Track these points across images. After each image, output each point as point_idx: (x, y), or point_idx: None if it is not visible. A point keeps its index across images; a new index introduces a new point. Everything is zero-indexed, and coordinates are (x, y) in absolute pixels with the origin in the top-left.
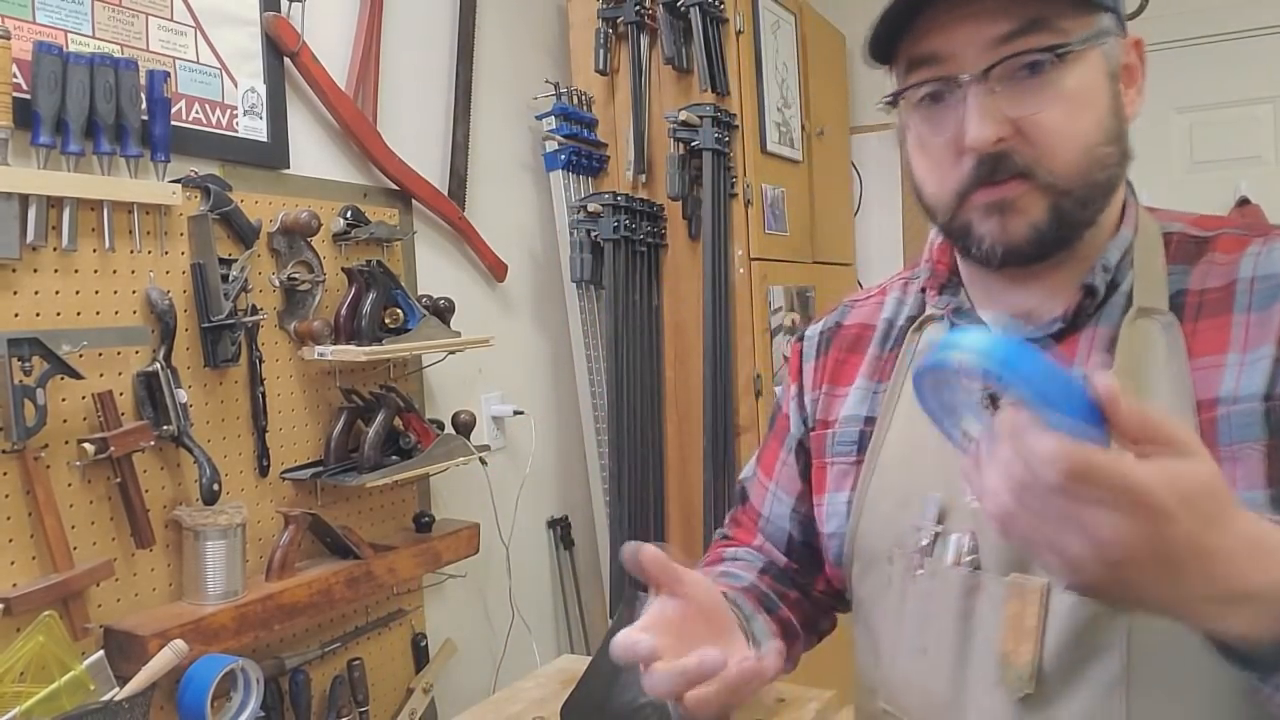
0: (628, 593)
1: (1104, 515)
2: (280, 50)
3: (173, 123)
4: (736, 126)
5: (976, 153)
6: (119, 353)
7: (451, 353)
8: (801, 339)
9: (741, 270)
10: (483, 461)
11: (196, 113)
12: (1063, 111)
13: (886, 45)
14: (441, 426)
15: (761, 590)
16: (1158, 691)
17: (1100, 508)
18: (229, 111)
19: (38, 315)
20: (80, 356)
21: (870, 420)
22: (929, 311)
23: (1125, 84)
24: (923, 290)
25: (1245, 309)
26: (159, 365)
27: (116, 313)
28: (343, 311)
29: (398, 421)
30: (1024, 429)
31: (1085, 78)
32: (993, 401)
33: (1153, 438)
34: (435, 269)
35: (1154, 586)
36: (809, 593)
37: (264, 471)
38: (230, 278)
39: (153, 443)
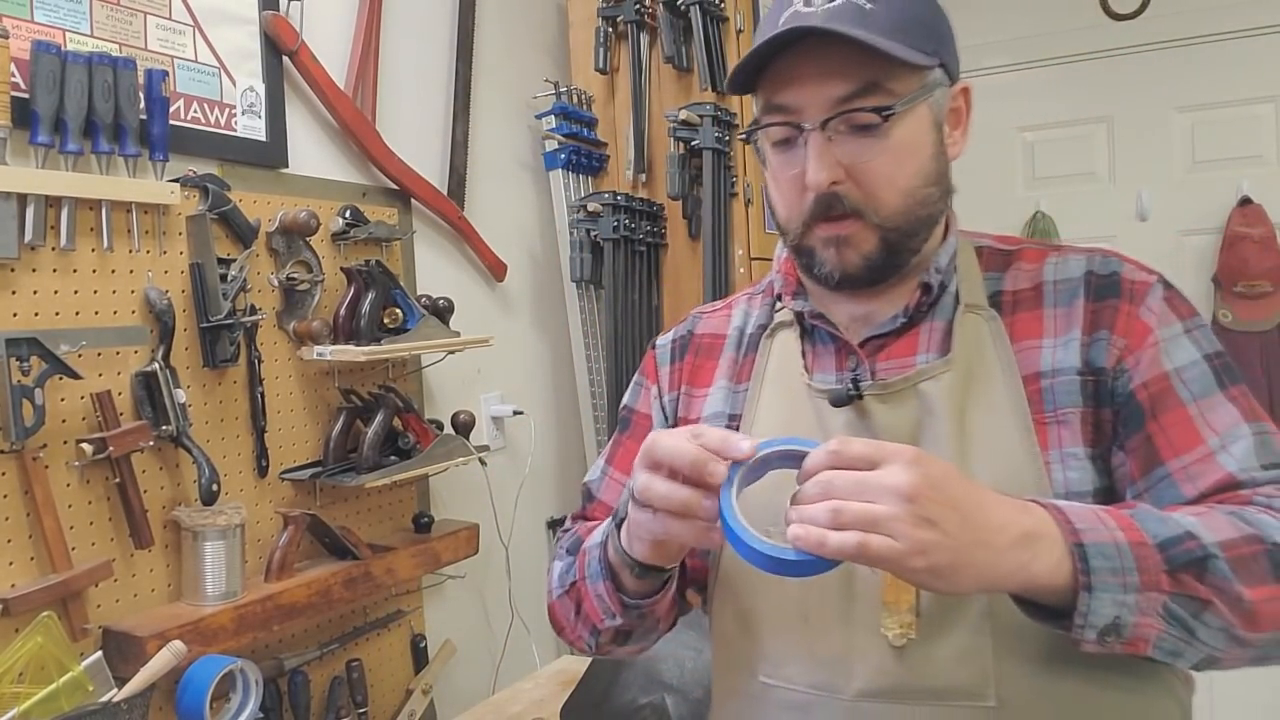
0: None
1: (883, 473)
2: (279, 49)
3: (171, 122)
4: (737, 125)
5: (814, 192)
6: (118, 353)
7: (451, 353)
8: (654, 346)
9: (742, 270)
10: (482, 462)
11: (195, 112)
12: (888, 161)
13: (745, 85)
14: (441, 427)
15: None
16: (1015, 622)
17: (876, 469)
18: (227, 111)
19: (36, 315)
20: (79, 356)
21: (734, 417)
22: (778, 319)
23: (952, 126)
24: (777, 298)
25: (1053, 304)
26: (158, 365)
27: (115, 312)
28: (342, 311)
29: (397, 422)
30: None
31: (910, 130)
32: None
33: (868, 451)
34: (434, 269)
35: (964, 540)
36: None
37: (263, 472)
38: (229, 277)
39: (151, 443)
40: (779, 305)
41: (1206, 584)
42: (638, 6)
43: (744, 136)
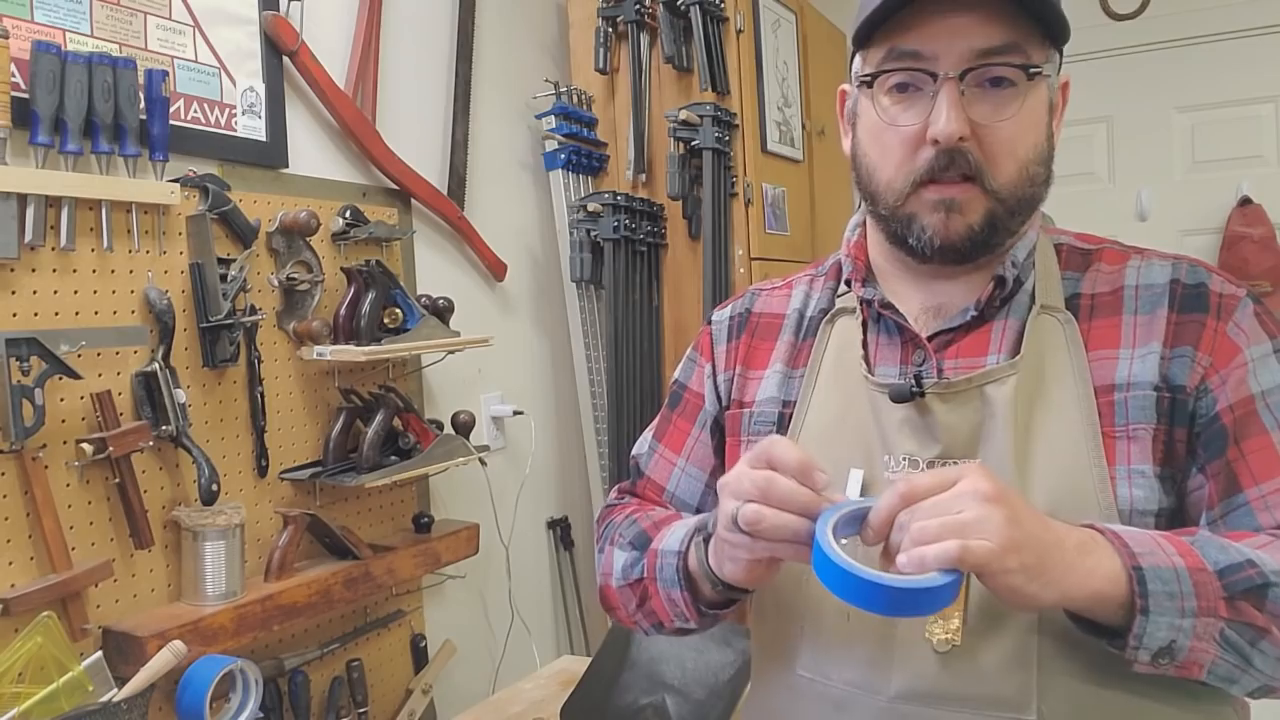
0: None
1: (959, 486)
2: (279, 49)
3: (171, 122)
4: (737, 126)
5: (940, 146)
6: (117, 353)
7: (451, 353)
8: (710, 321)
9: (742, 270)
10: (482, 462)
11: (195, 112)
12: (1015, 127)
13: (870, 31)
14: (441, 427)
15: None
16: (1062, 635)
17: (954, 501)
18: (227, 111)
19: (36, 315)
20: (79, 356)
21: (788, 403)
22: (840, 305)
23: (1055, 118)
24: (845, 283)
25: (1133, 311)
26: (157, 365)
27: (115, 313)
28: (342, 311)
29: (397, 422)
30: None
31: (1036, 103)
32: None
33: (935, 482)
34: (434, 269)
35: (1045, 540)
36: None
37: (263, 472)
38: (229, 277)
39: (151, 443)
40: (842, 290)
41: (1266, 611)
42: (638, 6)
43: (866, 79)
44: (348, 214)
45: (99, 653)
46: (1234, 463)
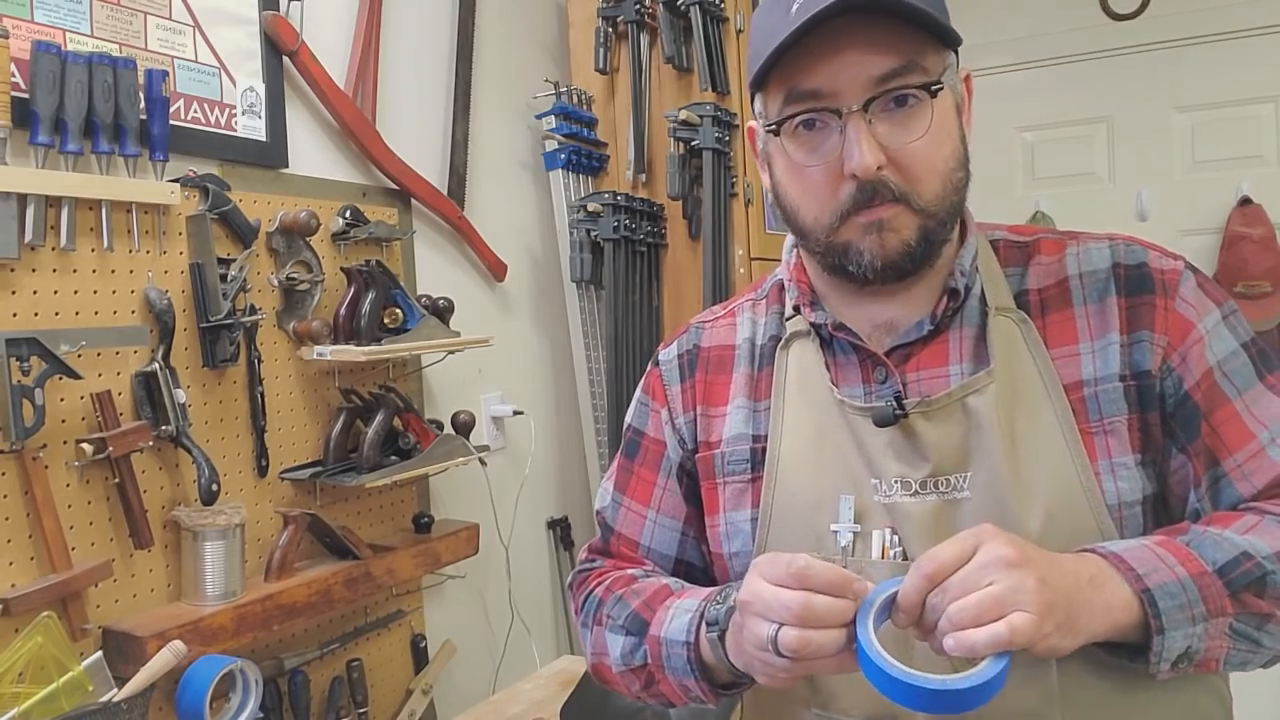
0: None
1: (981, 556)
2: (279, 49)
3: (171, 122)
4: (737, 126)
5: (859, 180)
6: (117, 353)
7: (451, 353)
8: (658, 363)
9: (742, 270)
10: (482, 462)
11: (195, 112)
12: (929, 142)
13: (763, 74)
14: (441, 427)
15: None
16: (1082, 659)
17: (981, 574)
18: (228, 111)
19: (36, 315)
20: (79, 356)
21: (759, 438)
22: (791, 329)
23: (962, 114)
24: (795, 308)
25: (1083, 302)
26: (157, 365)
27: (115, 312)
28: (342, 311)
29: (397, 422)
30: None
31: (944, 113)
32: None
33: (956, 554)
34: (435, 269)
35: (1066, 587)
36: None
37: (263, 472)
38: (229, 277)
39: (151, 443)
40: (789, 314)
41: (1267, 598)
42: (638, 6)
43: (769, 129)
44: (348, 214)
45: (99, 653)
46: (1208, 438)
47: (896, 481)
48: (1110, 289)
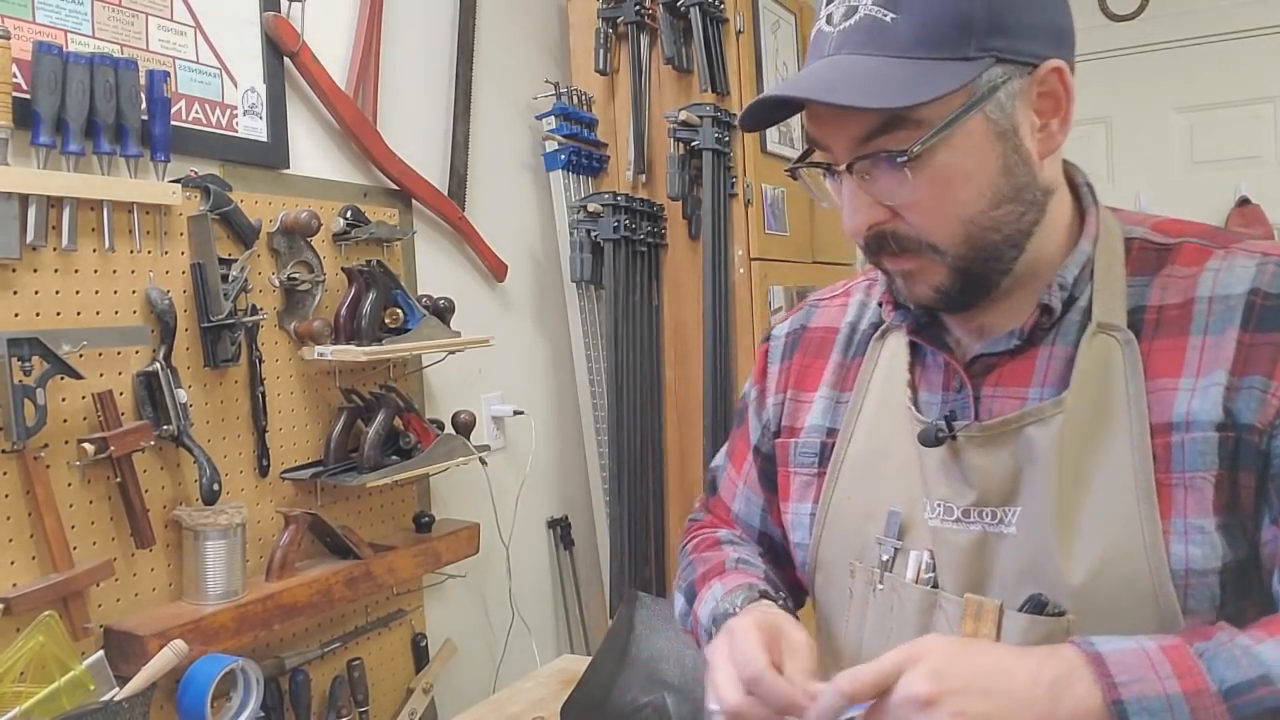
0: (628, 593)
1: (898, 688)
2: (280, 50)
3: (172, 122)
4: (736, 126)
5: (854, 238)
6: (119, 353)
7: (451, 353)
8: (769, 338)
9: (741, 270)
10: (483, 461)
11: (196, 112)
12: (934, 195)
13: (768, 119)
14: (441, 426)
15: (772, 578)
16: None
17: (895, 714)
18: (229, 111)
19: (37, 315)
20: (80, 356)
21: (832, 432)
22: (890, 321)
23: (1044, 116)
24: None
25: (1202, 331)
26: (159, 365)
27: (116, 312)
28: (343, 311)
29: (398, 421)
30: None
31: (957, 154)
32: None
33: (877, 679)
34: (435, 269)
35: (998, 708)
36: (787, 582)
37: (264, 471)
38: (230, 278)
39: (152, 443)
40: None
41: None
42: (638, 8)
43: (788, 171)
44: (349, 214)
45: (100, 652)
46: None
47: (940, 505)
48: (1235, 319)
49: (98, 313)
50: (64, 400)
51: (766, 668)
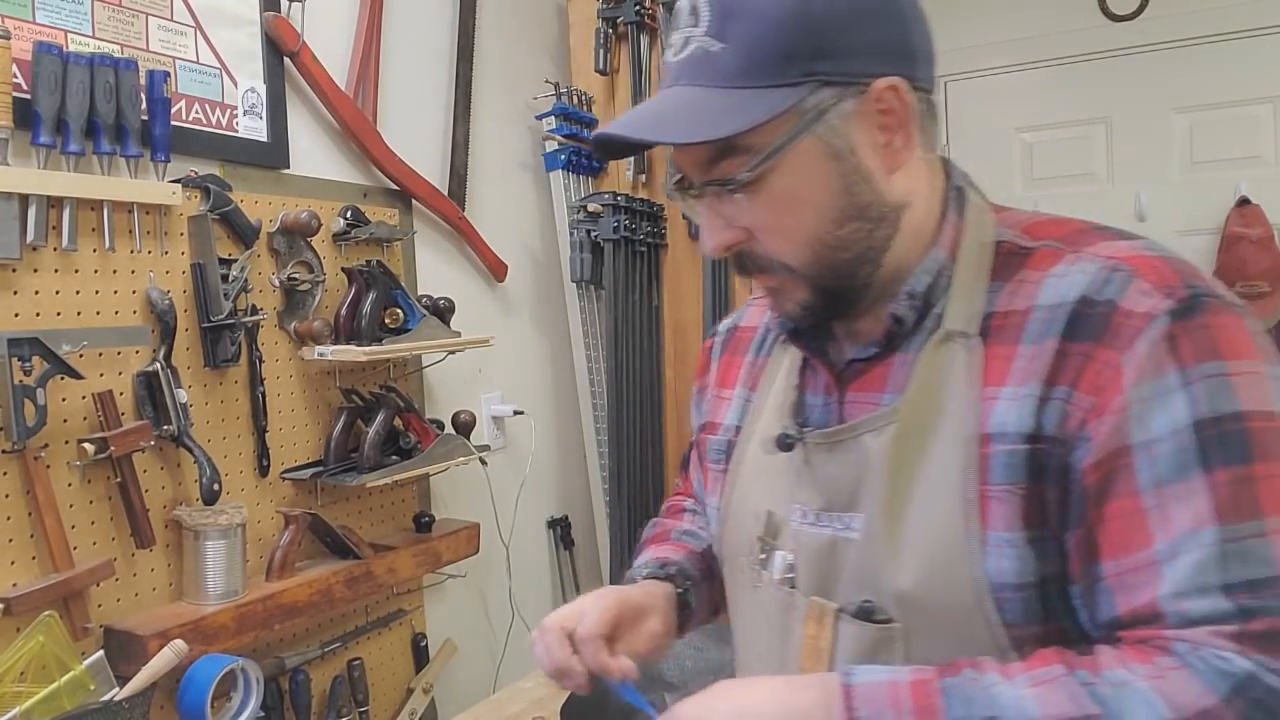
0: None
1: None
2: (280, 50)
3: (173, 123)
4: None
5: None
6: (119, 353)
7: (451, 353)
8: (713, 335)
9: None
10: (483, 461)
11: (196, 113)
12: (775, 216)
13: (621, 152)
14: (441, 426)
15: (712, 555)
16: None
17: None
18: (229, 111)
19: (38, 315)
20: (80, 356)
21: (738, 430)
22: (774, 327)
23: (890, 133)
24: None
25: (1031, 340)
26: (159, 365)
27: (116, 313)
28: (343, 311)
29: (398, 421)
30: None
31: (790, 178)
32: None
33: None
34: (435, 269)
35: None
36: None
37: (264, 471)
38: (230, 278)
39: (153, 443)
40: None
41: None
42: (638, 7)
43: (669, 192)
44: (349, 214)
45: (100, 652)
46: (1094, 528)
47: (799, 508)
48: (1058, 328)
49: (98, 313)
50: (64, 400)
51: (561, 630)
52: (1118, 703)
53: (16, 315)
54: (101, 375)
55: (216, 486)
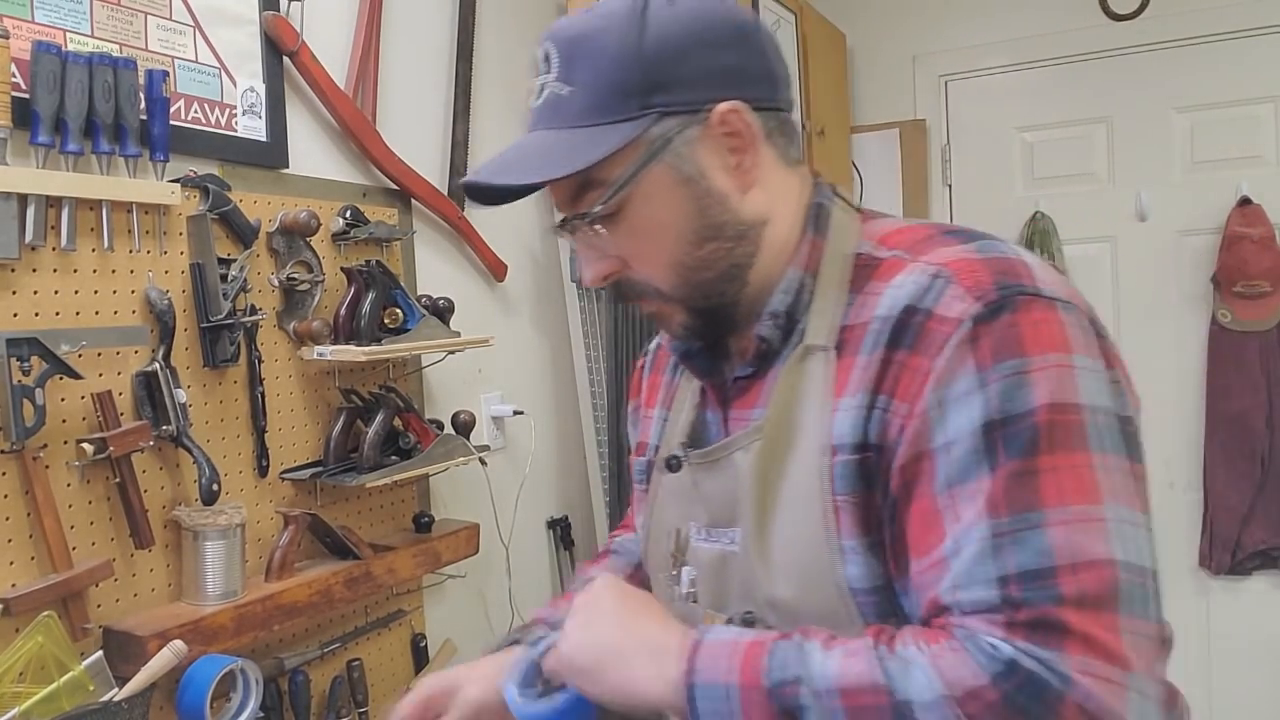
0: None
1: None
2: (279, 49)
3: (172, 122)
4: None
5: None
6: (118, 353)
7: (451, 353)
8: (645, 352)
9: None
10: (482, 462)
11: (195, 112)
12: (637, 243)
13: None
14: (441, 426)
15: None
16: None
17: None
18: (228, 111)
19: (36, 315)
20: (79, 356)
21: (656, 450)
22: (668, 348)
23: (739, 154)
24: None
25: (868, 350)
26: (158, 365)
27: (115, 312)
28: (342, 311)
29: (397, 421)
30: None
31: (649, 204)
32: None
33: None
34: (435, 269)
35: (599, 654)
36: None
37: (263, 472)
38: (229, 278)
39: (152, 443)
40: None
41: None
42: None
43: (555, 228)
44: (348, 214)
45: (99, 652)
46: (903, 532)
47: (694, 524)
48: (884, 338)
49: (97, 313)
50: (63, 400)
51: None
52: (903, 677)
53: (15, 315)
54: (100, 375)
55: (216, 487)
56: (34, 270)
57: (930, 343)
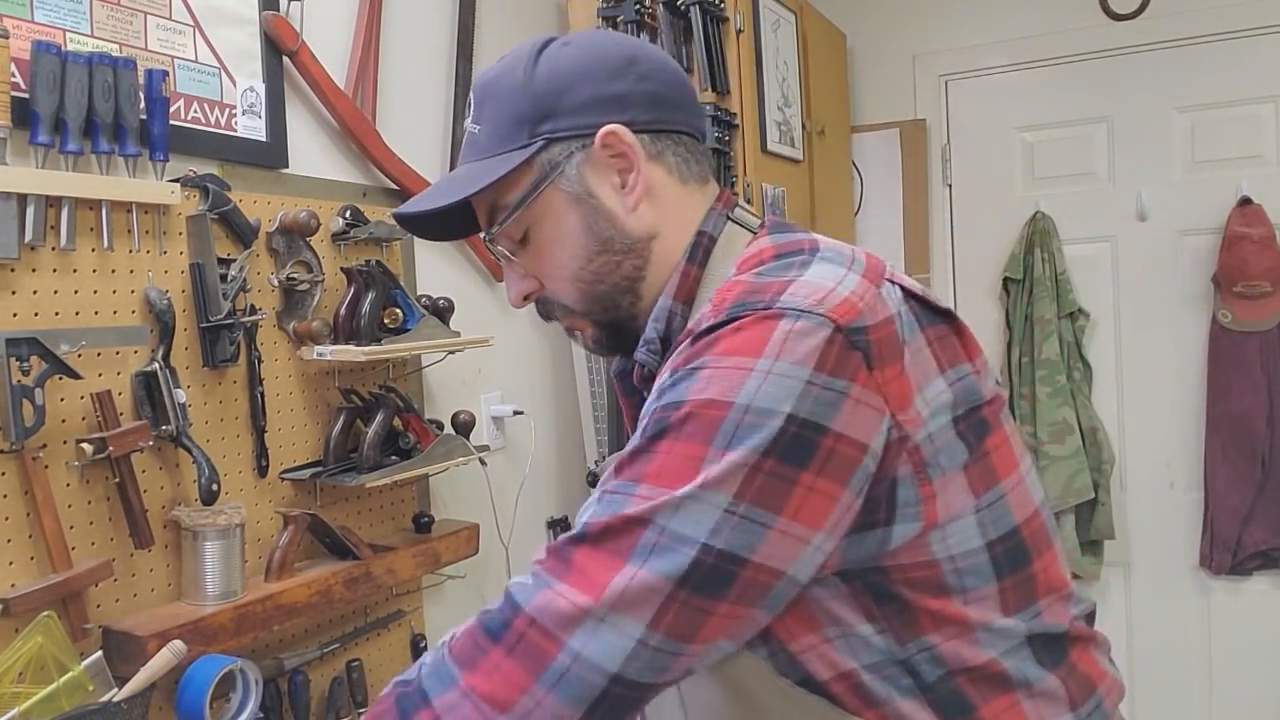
0: None
1: None
2: (279, 49)
3: (171, 122)
4: (737, 126)
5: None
6: (118, 352)
7: (451, 353)
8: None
9: None
10: (482, 462)
11: (195, 112)
12: (541, 261)
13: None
14: (441, 426)
15: None
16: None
17: None
18: (228, 111)
19: (36, 315)
20: (79, 356)
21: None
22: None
23: (626, 173)
24: None
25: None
26: (158, 365)
27: (115, 312)
28: (342, 311)
29: (397, 421)
30: None
31: (545, 224)
32: None
33: None
34: (435, 269)
35: None
36: None
37: (263, 472)
38: (229, 277)
39: (151, 443)
40: None
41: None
42: (638, 7)
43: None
44: (348, 214)
45: (99, 652)
46: None
47: None
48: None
49: (96, 313)
50: (63, 400)
51: None
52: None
53: (15, 315)
54: (100, 375)
55: (215, 487)
56: (33, 270)
57: (674, 353)
